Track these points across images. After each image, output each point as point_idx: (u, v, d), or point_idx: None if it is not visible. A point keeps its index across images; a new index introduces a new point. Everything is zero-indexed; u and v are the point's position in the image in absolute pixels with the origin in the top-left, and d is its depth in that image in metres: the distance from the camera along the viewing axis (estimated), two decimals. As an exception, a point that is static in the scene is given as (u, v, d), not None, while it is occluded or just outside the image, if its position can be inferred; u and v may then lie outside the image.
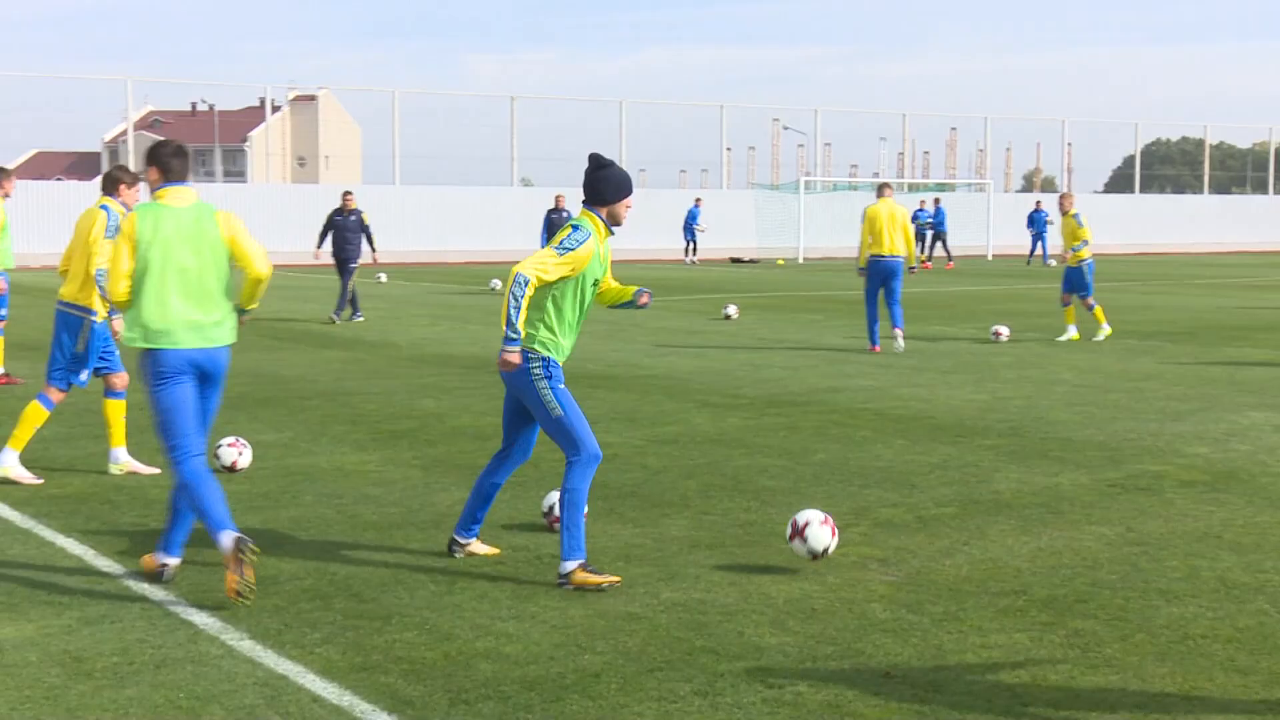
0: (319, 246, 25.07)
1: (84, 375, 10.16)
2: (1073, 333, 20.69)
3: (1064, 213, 21.00)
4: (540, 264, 7.15)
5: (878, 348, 18.93)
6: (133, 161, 53.11)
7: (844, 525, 8.54)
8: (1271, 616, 6.70)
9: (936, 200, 50.53)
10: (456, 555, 7.74)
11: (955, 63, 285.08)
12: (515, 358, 7.16)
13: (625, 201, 7.44)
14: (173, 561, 7.32)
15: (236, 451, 10.22)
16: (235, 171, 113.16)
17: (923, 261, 48.23)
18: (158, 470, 10.17)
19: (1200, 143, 76.06)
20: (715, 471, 10.26)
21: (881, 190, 19.67)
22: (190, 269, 7.28)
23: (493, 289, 32.73)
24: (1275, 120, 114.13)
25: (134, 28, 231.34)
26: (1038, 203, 51.23)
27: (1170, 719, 5.40)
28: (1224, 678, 5.84)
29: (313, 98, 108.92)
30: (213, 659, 6.07)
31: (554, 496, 8.45)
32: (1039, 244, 49.42)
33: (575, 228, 7.30)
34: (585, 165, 7.47)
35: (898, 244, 18.94)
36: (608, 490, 9.51)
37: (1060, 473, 10.25)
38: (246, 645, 6.26)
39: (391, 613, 6.74)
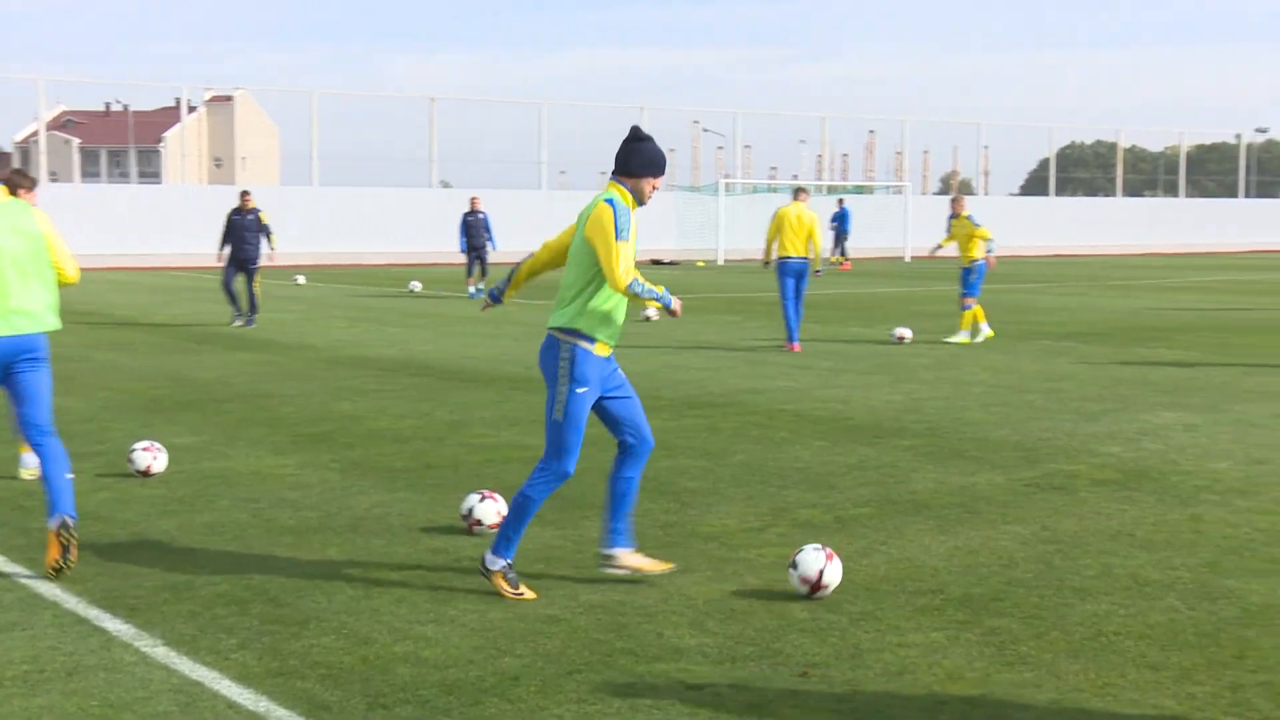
0: (221, 249, 24.45)
1: None
2: (987, 330, 20.88)
3: (956, 215, 21.09)
4: (625, 263, 6.94)
5: (796, 346, 19.21)
6: (45, 163, 52.35)
7: (763, 526, 8.58)
8: (1181, 613, 6.80)
9: (840, 201, 51.02)
10: (613, 571, 7.32)
11: (873, 66, 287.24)
12: (678, 304, 7.22)
13: (652, 180, 7.18)
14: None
15: (151, 455, 10.10)
16: (150, 172, 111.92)
17: (842, 263, 48.61)
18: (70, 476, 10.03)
19: (1113, 146, 77.03)
20: (635, 473, 10.25)
21: (797, 194, 20.02)
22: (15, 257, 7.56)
23: (411, 291, 32.59)
24: (1186, 125, 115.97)
25: (46, 27, 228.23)
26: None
27: (1084, 715, 5.47)
28: (1136, 673, 5.92)
29: (229, 98, 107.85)
30: (126, 666, 6.00)
31: (473, 499, 8.42)
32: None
33: (610, 202, 7.01)
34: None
35: (802, 246, 19.38)
36: (527, 492, 9.48)
37: (977, 472, 10.34)
38: (160, 652, 6.18)
39: (309, 617, 6.69)
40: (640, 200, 7.21)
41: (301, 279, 37.26)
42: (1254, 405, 13.75)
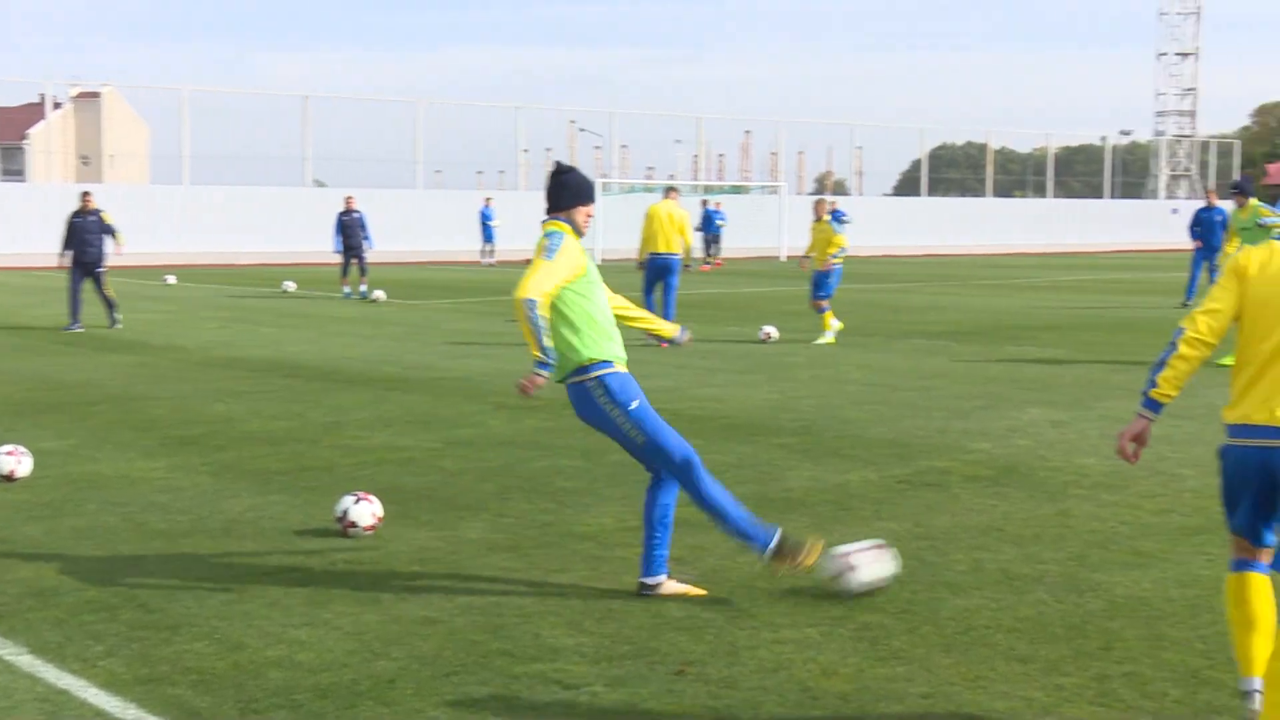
0: (62, 253, 23.20)
1: None
2: (836, 327, 20.79)
3: (818, 218, 21.17)
4: (537, 279, 6.86)
5: (665, 343, 19.17)
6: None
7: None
8: (1050, 606, 6.93)
9: (704, 203, 51.78)
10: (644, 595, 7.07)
11: (747, 67, 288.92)
12: (542, 380, 6.87)
13: (584, 209, 7.20)
14: None
15: (15, 460, 9.87)
16: (13, 170, 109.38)
17: (715, 261, 49.02)
18: None
19: (984, 148, 78.23)
20: (512, 473, 10.24)
21: (667, 192, 20.89)
22: None
23: (285, 291, 32.21)
24: (1052, 127, 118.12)
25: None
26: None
27: (956, 708, 5.55)
28: (1005, 666, 6.02)
29: (97, 95, 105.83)
30: (-10, 675, 5.86)
31: (348, 501, 8.33)
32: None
33: (548, 234, 7.05)
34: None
35: (674, 243, 20.05)
36: (403, 494, 9.43)
37: (851, 470, 10.46)
38: (25, 660, 6.05)
39: (180, 623, 6.58)
40: (579, 231, 7.22)
41: (172, 279, 36.66)
42: (1119, 402, 14.05)
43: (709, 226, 49.95)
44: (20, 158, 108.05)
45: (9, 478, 9.78)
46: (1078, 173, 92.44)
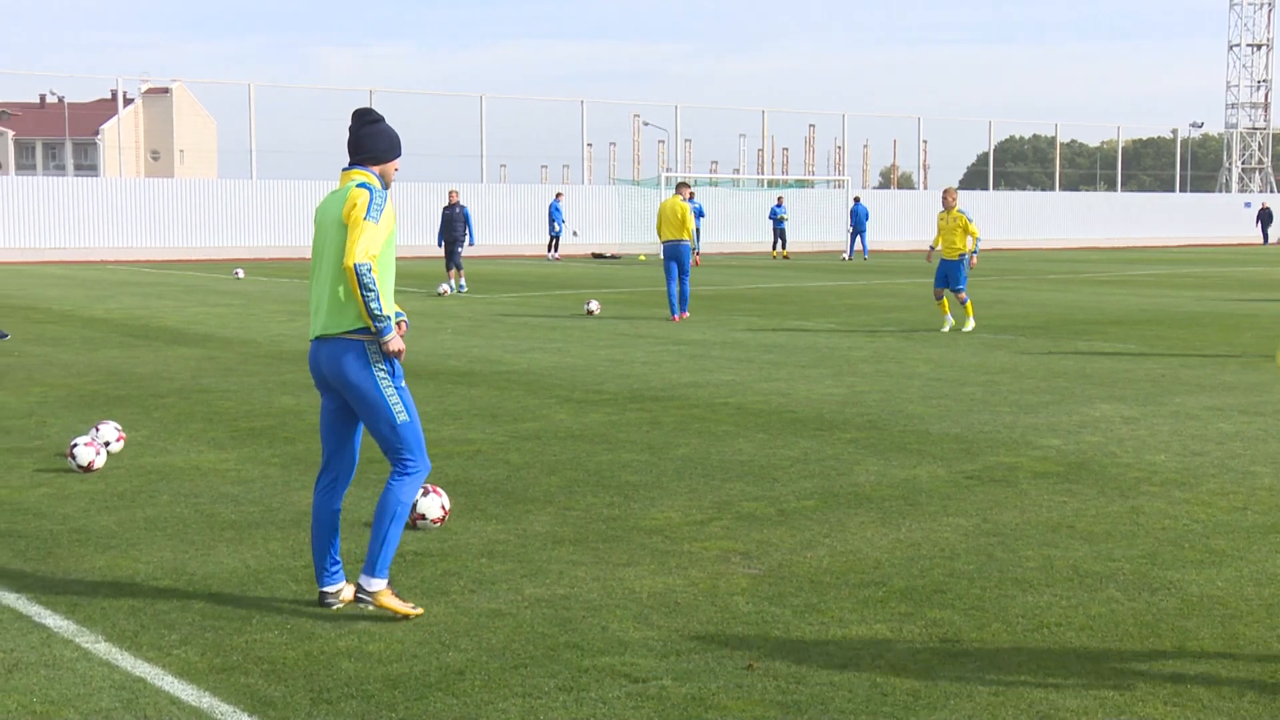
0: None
1: None
2: (951, 321, 21.28)
3: (948, 208, 21.57)
4: (365, 243, 6.44)
5: (676, 317, 22.90)
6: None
7: (706, 519, 8.60)
8: (1122, 604, 6.87)
9: (779, 199, 52.01)
10: (333, 607, 6.70)
11: (812, 59, 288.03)
12: (398, 342, 6.51)
13: (396, 163, 6.85)
14: None
15: (94, 451, 9.98)
16: (87, 165, 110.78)
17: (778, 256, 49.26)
18: None
19: (1051, 140, 77.64)
20: (577, 467, 10.26)
21: (678, 188, 24.31)
22: None
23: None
24: (1122, 120, 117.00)
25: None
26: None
27: (1026, 706, 5.51)
28: (1077, 664, 5.97)
29: (166, 90, 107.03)
30: (67, 662, 5.94)
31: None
32: (859, 239, 51.19)
33: (368, 188, 6.57)
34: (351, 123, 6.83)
35: (677, 232, 23.39)
36: (470, 486, 9.47)
37: (918, 465, 10.41)
38: (102, 648, 6.13)
39: (251, 612, 6.64)
40: (387, 184, 6.81)
41: (240, 273, 36.99)
42: (1190, 397, 13.90)
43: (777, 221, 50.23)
44: (94, 153, 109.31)
45: (88, 468, 9.90)
46: (1147, 166, 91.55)
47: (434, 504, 8.28)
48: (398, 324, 6.65)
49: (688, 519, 8.63)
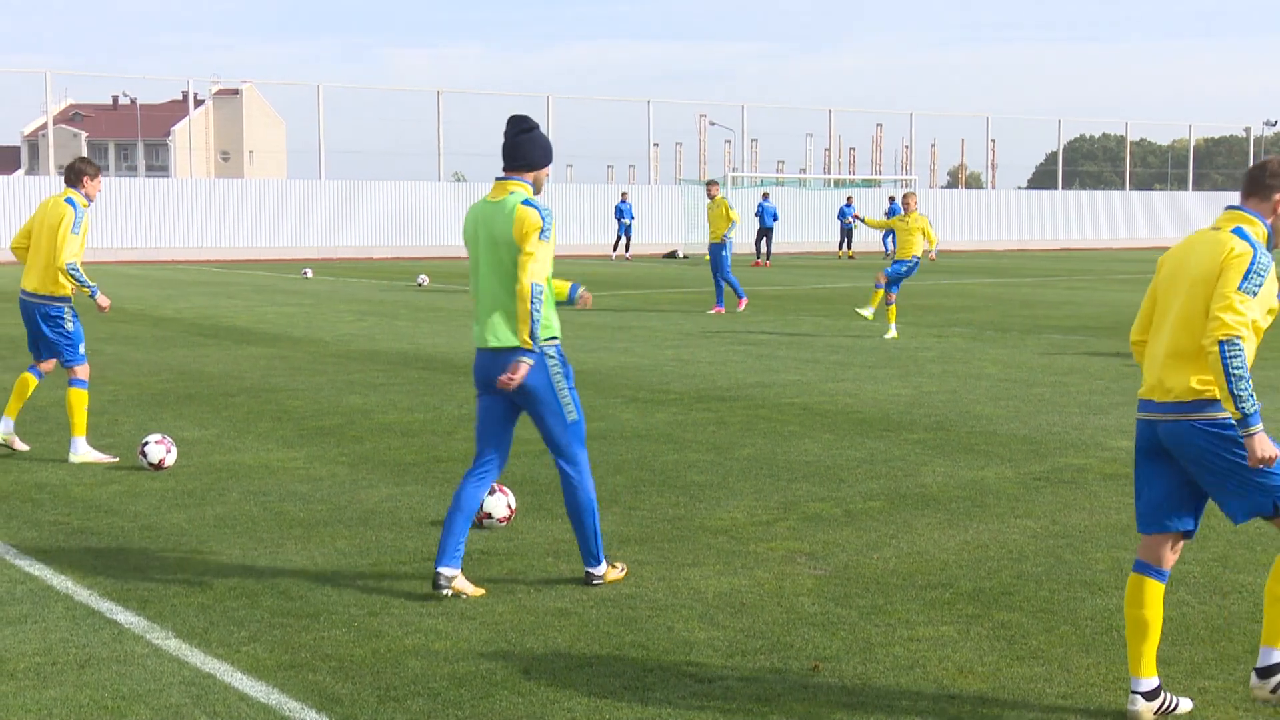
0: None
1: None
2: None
3: (909, 211, 20.95)
4: (540, 266, 6.69)
5: (717, 309, 24.69)
6: (53, 156, 52.42)
7: (772, 519, 8.58)
8: (1192, 607, 6.79)
9: (849, 199, 51.94)
10: (445, 593, 6.87)
11: (879, 59, 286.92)
12: (525, 370, 6.78)
13: (548, 169, 7.00)
14: None
15: (164, 449, 10.10)
16: (158, 166, 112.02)
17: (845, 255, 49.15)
18: (116, 458, 10.32)
19: (1121, 139, 76.93)
20: (643, 467, 10.27)
21: (709, 187, 26.91)
22: None
23: (419, 285, 32.57)
24: (1194, 118, 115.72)
25: (53, 19, 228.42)
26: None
27: (1096, 709, 5.47)
28: (1147, 668, 5.91)
29: (236, 91, 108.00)
30: (138, 658, 6.01)
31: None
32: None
33: (536, 208, 6.73)
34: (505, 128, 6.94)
35: (717, 229, 25.72)
36: (536, 485, 9.50)
37: (985, 466, 10.34)
38: (172, 644, 6.20)
39: (319, 610, 6.70)
40: (538, 189, 6.97)
41: (309, 272, 37.28)
42: (1263, 399, 13.73)
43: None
44: (165, 154, 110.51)
45: (159, 466, 10.01)
46: (1219, 165, 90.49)
47: (500, 503, 8.32)
48: (581, 294, 7.31)
49: (753, 519, 8.62)
